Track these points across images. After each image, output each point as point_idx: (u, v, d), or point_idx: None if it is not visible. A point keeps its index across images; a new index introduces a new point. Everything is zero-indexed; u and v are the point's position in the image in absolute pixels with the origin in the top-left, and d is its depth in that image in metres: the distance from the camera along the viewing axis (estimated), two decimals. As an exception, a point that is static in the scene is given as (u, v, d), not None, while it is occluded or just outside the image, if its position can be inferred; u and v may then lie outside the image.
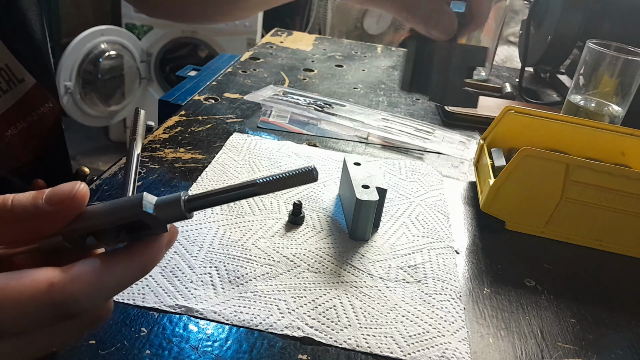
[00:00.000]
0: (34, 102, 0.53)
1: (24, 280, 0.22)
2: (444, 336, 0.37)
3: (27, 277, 0.22)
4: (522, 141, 0.58)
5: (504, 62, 1.42)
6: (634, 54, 0.65)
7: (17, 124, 0.51)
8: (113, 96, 2.37)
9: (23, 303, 0.22)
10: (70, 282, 0.22)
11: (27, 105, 0.52)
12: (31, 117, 0.52)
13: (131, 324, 0.34)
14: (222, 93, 0.76)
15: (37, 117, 0.53)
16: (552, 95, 1.00)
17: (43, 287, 0.22)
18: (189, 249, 0.42)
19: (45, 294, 0.22)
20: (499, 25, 0.98)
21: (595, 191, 0.49)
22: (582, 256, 0.50)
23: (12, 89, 0.51)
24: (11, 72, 0.51)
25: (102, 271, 0.23)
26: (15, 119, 0.51)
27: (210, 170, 0.53)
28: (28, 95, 0.52)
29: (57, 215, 0.24)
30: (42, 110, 0.53)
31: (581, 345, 0.39)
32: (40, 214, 0.24)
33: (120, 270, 0.23)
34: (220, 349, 0.33)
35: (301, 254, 0.43)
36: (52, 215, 0.24)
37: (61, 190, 0.24)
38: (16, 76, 0.51)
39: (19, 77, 0.52)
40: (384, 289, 0.41)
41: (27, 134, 0.52)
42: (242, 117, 0.68)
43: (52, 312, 0.22)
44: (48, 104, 0.54)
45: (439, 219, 0.51)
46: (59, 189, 0.24)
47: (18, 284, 0.22)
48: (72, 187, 0.24)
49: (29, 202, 0.24)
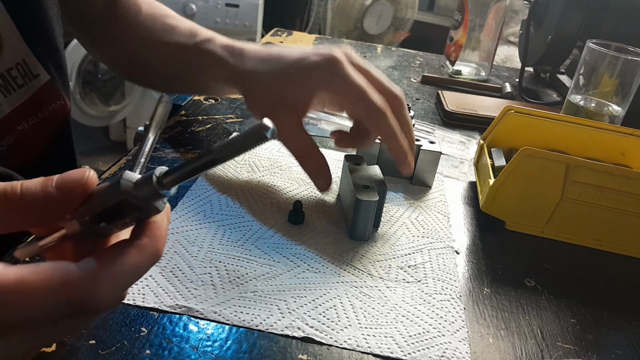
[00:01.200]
0: (46, 99, 0.53)
1: (40, 275, 0.22)
2: (444, 336, 0.37)
3: (43, 272, 0.22)
4: (522, 141, 0.58)
5: (504, 62, 1.42)
6: (634, 54, 0.65)
7: (29, 119, 0.52)
8: (113, 96, 2.37)
9: (38, 299, 0.22)
10: (84, 279, 0.22)
11: (39, 101, 0.52)
12: (42, 113, 0.53)
13: (131, 324, 0.34)
14: (222, 93, 0.76)
15: (47, 114, 0.53)
16: (552, 95, 1.00)
17: (57, 285, 0.22)
18: (189, 249, 0.42)
19: (59, 292, 0.22)
20: (499, 25, 0.98)
21: (595, 191, 0.49)
22: (582, 256, 0.50)
23: (27, 84, 0.51)
24: (27, 67, 0.51)
25: (116, 267, 0.23)
26: (27, 114, 0.51)
27: (210, 171, 0.53)
28: (41, 91, 0.52)
29: (67, 201, 0.24)
30: (52, 107, 0.54)
31: (581, 345, 0.39)
32: (50, 200, 0.24)
33: (133, 261, 0.24)
34: (221, 349, 0.33)
35: (301, 254, 0.43)
36: (62, 202, 0.24)
37: (71, 178, 0.24)
38: (32, 71, 0.52)
39: (34, 73, 0.52)
40: (384, 289, 0.41)
41: (37, 129, 0.52)
42: (242, 117, 0.68)
43: (66, 308, 0.22)
44: (59, 101, 0.54)
45: (439, 219, 0.51)
46: (69, 176, 0.24)
47: (35, 279, 0.22)
48: (83, 174, 0.24)
49: (38, 189, 0.24)
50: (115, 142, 2.58)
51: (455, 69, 1.01)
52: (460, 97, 0.84)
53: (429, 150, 0.55)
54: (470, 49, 1.01)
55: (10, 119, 0.50)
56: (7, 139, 0.49)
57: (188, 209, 0.46)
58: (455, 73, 1.00)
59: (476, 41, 1.00)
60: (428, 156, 0.55)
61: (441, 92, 0.84)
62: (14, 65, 0.50)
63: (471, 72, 1.02)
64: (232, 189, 0.51)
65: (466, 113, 0.78)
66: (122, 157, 0.54)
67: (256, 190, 0.51)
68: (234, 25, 2.24)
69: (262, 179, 0.53)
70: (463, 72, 1.01)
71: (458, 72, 1.01)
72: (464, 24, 0.97)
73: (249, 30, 2.23)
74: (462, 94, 0.87)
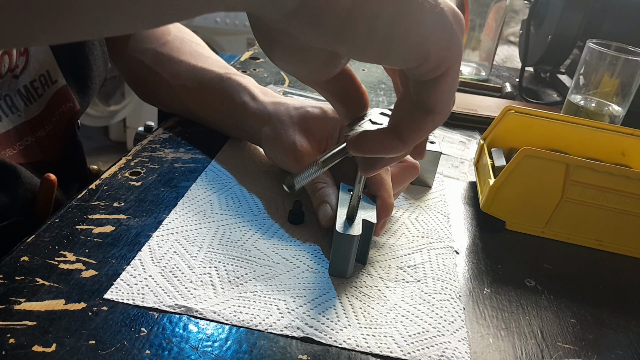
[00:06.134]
0: (57, 102, 0.53)
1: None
2: (444, 335, 0.37)
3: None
4: (522, 141, 0.58)
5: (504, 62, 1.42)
6: (634, 54, 0.65)
7: (46, 126, 0.52)
8: (113, 96, 2.37)
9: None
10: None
11: (52, 106, 0.53)
12: (54, 117, 0.53)
13: (131, 324, 0.34)
14: (222, 93, 0.75)
15: (58, 117, 0.54)
16: (552, 95, 1.00)
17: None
18: (189, 249, 0.42)
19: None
20: (499, 25, 0.98)
21: (595, 191, 0.49)
22: (582, 256, 0.50)
23: (46, 92, 0.51)
24: (49, 76, 0.52)
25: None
26: (44, 123, 0.52)
27: (210, 170, 0.53)
28: (55, 96, 0.53)
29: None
30: (62, 109, 0.54)
31: (581, 345, 0.39)
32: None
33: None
34: (220, 349, 0.33)
35: (301, 254, 0.43)
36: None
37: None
38: (52, 78, 0.52)
39: (53, 79, 0.52)
40: (383, 288, 0.41)
41: (52, 134, 0.53)
42: (242, 117, 0.68)
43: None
44: (69, 103, 0.54)
45: (439, 219, 0.51)
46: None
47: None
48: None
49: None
50: (115, 142, 2.58)
51: (456, 68, 1.00)
52: (460, 97, 0.84)
53: (429, 150, 0.55)
54: (471, 48, 1.01)
55: (31, 125, 0.51)
56: (26, 140, 0.50)
57: (188, 209, 0.46)
58: (456, 73, 1.00)
59: (476, 41, 1.00)
60: (428, 156, 0.55)
61: (441, 92, 0.84)
62: (37, 77, 0.51)
63: (471, 72, 1.02)
64: (232, 188, 0.51)
65: (466, 113, 0.78)
66: (122, 157, 0.54)
67: (256, 190, 0.51)
68: (234, 25, 2.24)
69: (263, 178, 0.53)
70: (463, 72, 1.01)
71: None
72: (464, 23, 0.97)
73: (249, 30, 2.22)
74: (462, 94, 0.87)
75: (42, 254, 0.39)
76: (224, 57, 0.94)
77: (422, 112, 0.30)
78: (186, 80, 0.58)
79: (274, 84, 0.81)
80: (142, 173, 0.51)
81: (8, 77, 0.48)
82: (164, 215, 0.45)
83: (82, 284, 0.36)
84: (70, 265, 0.38)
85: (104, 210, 0.45)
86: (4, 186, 0.45)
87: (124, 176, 0.50)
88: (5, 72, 0.47)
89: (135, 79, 0.66)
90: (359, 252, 0.42)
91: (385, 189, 0.43)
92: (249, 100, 0.53)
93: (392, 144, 0.31)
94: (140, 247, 0.41)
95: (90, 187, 0.48)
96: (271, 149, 0.51)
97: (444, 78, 0.28)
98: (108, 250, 0.40)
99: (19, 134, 0.49)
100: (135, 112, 2.42)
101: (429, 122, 0.30)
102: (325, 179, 0.46)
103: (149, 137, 0.59)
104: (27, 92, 0.50)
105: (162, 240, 0.42)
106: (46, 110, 0.52)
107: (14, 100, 0.48)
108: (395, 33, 0.25)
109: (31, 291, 0.35)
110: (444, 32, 0.27)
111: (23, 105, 0.49)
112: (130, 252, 0.40)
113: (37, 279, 0.36)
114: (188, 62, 0.59)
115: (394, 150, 0.31)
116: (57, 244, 0.40)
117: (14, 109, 0.49)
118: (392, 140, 0.31)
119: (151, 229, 0.43)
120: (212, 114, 0.58)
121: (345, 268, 0.41)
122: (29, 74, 0.49)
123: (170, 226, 0.44)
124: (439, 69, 0.28)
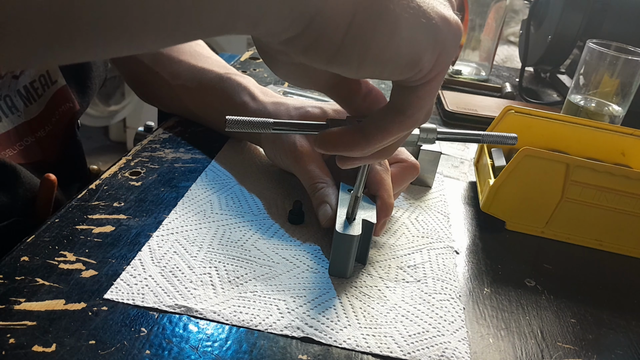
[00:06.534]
0: (57, 102, 0.53)
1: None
2: (444, 335, 0.37)
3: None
4: (522, 141, 0.58)
5: (504, 62, 1.42)
6: (634, 54, 0.65)
7: (45, 127, 0.52)
8: (113, 96, 2.37)
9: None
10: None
11: (52, 106, 0.53)
12: (54, 117, 0.53)
13: (131, 324, 0.34)
14: (222, 93, 0.75)
15: (57, 117, 0.54)
16: (552, 95, 1.00)
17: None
18: (189, 249, 0.42)
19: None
20: (499, 25, 0.98)
21: (595, 191, 0.49)
22: (582, 256, 0.50)
23: (45, 92, 0.51)
24: (49, 76, 0.52)
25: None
26: (44, 123, 0.52)
27: (210, 170, 0.53)
28: (54, 96, 0.53)
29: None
30: (62, 110, 0.54)
31: (581, 345, 0.39)
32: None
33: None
34: (220, 349, 0.33)
35: (301, 254, 0.43)
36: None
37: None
38: (51, 78, 0.52)
39: (53, 79, 0.52)
40: (383, 288, 0.41)
41: (52, 134, 0.53)
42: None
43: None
44: (68, 103, 0.54)
45: (439, 219, 0.51)
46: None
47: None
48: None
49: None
50: (115, 142, 2.57)
51: (456, 68, 1.01)
52: (460, 97, 0.84)
53: (429, 150, 0.55)
54: (471, 48, 1.01)
55: (30, 126, 0.51)
56: (26, 140, 0.50)
57: (188, 209, 0.46)
58: (456, 73, 1.00)
59: (476, 41, 1.00)
60: (428, 156, 0.55)
61: (441, 91, 0.84)
62: (37, 77, 0.51)
63: (471, 72, 1.02)
64: (232, 188, 0.51)
65: (466, 113, 0.78)
66: (122, 157, 0.54)
67: (256, 190, 0.51)
68: (234, 25, 2.24)
69: (263, 178, 0.53)
70: (463, 72, 1.01)
71: (458, 72, 1.00)
72: (464, 23, 0.97)
73: (249, 30, 2.22)
74: (463, 94, 0.87)
75: (42, 254, 0.39)
76: (224, 57, 0.94)
77: (391, 112, 0.30)
78: (186, 80, 0.58)
79: (274, 84, 0.81)
80: (142, 173, 0.51)
81: (8, 78, 0.48)
82: (164, 215, 0.45)
83: (82, 284, 0.36)
84: (70, 265, 0.38)
85: (104, 210, 0.45)
86: (4, 186, 0.45)
87: (124, 176, 0.50)
88: (5, 73, 0.47)
89: (135, 79, 0.66)
90: (359, 252, 0.42)
91: (385, 189, 0.44)
92: (249, 100, 0.53)
93: (355, 141, 0.31)
94: (140, 247, 0.41)
95: (90, 187, 0.48)
96: (271, 149, 0.51)
97: (428, 85, 0.29)
98: (108, 250, 0.40)
99: (19, 134, 0.49)
100: (135, 112, 2.42)
101: (397, 123, 0.30)
102: (325, 179, 0.46)
103: (149, 137, 0.59)
104: (27, 92, 0.50)
105: (162, 240, 0.42)
106: (46, 110, 0.52)
107: (13, 100, 0.48)
108: (386, 56, 0.26)
109: (31, 291, 0.35)
110: (436, 45, 0.27)
111: (23, 105, 0.49)
112: (130, 252, 0.40)
113: (37, 279, 0.36)
114: (188, 62, 0.59)
115: (356, 148, 0.31)
116: (57, 244, 0.40)
117: (14, 109, 0.49)
118: (355, 137, 0.31)
119: (151, 229, 0.43)
120: (212, 114, 0.58)
121: (345, 268, 0.41)
122: (28, 74, 0.49)
123: (170, 226, 0.44)
124: (427, 77, 0.29)
